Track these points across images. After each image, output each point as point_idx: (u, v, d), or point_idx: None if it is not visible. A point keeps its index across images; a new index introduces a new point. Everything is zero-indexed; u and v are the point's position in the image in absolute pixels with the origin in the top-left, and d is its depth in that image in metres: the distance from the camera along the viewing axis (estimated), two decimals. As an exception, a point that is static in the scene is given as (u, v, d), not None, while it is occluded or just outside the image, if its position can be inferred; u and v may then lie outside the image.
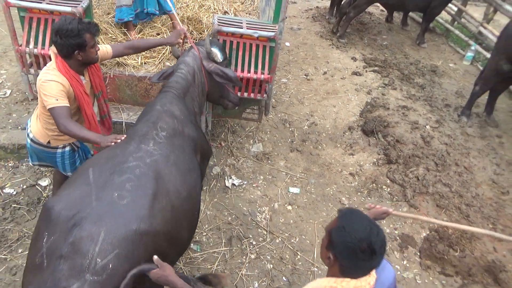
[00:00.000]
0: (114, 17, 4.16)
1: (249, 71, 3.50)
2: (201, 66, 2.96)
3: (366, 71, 6.39)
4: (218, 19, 3.42)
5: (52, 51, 2.63)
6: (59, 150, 2.92)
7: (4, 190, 3.69)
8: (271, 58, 3.51)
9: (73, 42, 2.50)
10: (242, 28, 3.38)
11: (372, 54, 6.94)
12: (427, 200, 4.22)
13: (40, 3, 3.11)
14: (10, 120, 4.34)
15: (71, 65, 2.63)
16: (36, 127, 2.84)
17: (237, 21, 3.54)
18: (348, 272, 1.56)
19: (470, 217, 4.02)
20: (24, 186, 3.77)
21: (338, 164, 4.67)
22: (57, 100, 2.52)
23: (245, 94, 3.67)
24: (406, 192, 4.26)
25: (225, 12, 4.72)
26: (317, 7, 8.72)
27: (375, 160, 4.71)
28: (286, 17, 3.40)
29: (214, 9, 4.68)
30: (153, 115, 2.52)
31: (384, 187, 4.38)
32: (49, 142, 2.86)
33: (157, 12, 4.20)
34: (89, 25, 2.58)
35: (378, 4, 7.82)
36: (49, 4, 3.12)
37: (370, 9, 8.34)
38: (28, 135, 2.90)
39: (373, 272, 1.59)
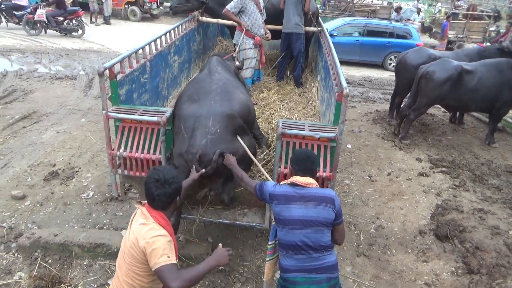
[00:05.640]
0: None
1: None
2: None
3: (434, 172, 6.19)
4: (282, 123, 3.65)
5: (140, 205, 2.46)
6: None
7: (76, 290, 3.83)
8: (332, 157, 3.60)
9: (177, 187, 2.41)
10: (304, 130, 3.57)
11: (438, 154, 6.79)
12: (523, 320, 3.66)
13: (133, 114, 3.65)
14: (90, 220, 4.71)
15: (168, 216, 2.43)
16: None
17: (299, 124, 3.75)
18: (297, 172, 2.79)
19: None
20: (95, 286, 3.89)
21: (411, 272, 4.31)
22: (168, 257, 2.22)
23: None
24: (495, 309, 3.75)
25: (288, 118, 5.05)
26: (376, 110, 8.96)
27: (453, 269, 4.29)
28: (346, 120, 3.56)
29: (281, 116, 5.05)
30: (212, 63, 4.57)
31: (467, 301, 3.90)
32: None
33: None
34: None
35: (439, 106, 7.88)
36: (139, 115, 3.66)
37: (432, 110, 8.40)
38: None
39: (313, 180, 2.77)
